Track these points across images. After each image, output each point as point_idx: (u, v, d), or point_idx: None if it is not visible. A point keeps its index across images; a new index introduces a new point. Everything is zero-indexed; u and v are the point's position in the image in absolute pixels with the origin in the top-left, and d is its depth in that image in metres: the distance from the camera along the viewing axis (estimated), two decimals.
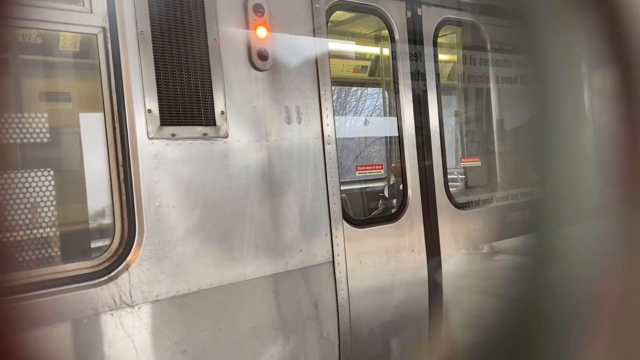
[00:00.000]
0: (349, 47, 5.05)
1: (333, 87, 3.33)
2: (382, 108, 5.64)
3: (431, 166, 3.85)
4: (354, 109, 12.36)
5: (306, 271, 3.06)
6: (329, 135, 3.19)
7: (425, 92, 3.88)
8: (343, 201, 3.34)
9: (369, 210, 5.06)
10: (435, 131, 3.90)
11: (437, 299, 3.80)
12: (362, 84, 6.84)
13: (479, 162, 4.52)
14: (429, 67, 3.91)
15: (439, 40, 4.03)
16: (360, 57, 5.38)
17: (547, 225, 4.42)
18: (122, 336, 2.39)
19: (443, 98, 4.12)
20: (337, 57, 5.14)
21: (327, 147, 3.18)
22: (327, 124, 3.19)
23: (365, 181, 5.23)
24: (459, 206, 4.02)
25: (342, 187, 3.35)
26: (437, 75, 3.96)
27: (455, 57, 4.76)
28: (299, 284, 3.03)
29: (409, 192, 3.71)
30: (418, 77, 3.84)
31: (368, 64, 5.51)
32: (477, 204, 4.25)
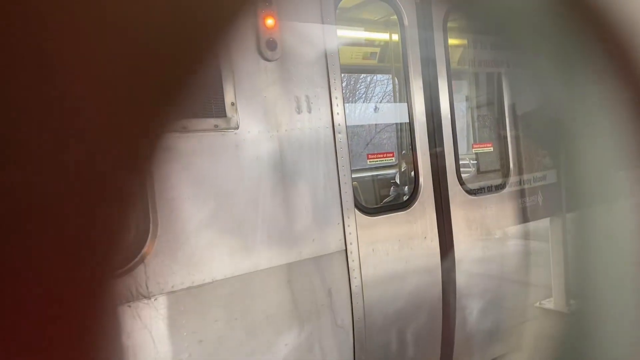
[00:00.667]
0: (358, 34, 5.01)
1: (342, 75, 3.31)
2: (392, 95, 5.61)
3: (442, 153, 3.82)
4: (363, 96, 12.29)
5: (319, 260, 3.07)
6: (339, 124, 3.18)
7: (435, 78, 3.84)
8: (354, 189, 3.33)
9: (380, 198, 5.05)
10: (446, 117, 3.86)
11: (450, 285, 3.80)
12: (372, 70, 6.78)
13: (491, 148, 4.48)
14: (439, 52, 3.86)
15: (449, 25, 3.98)
16: (369, 43, 5.33)
17: (560, 209, 4.39)
18: (139, 327, 2.43)
19: (454, 83, 4.08)
20: (346, 44, 5.10)
21: (338, 136, 3.17)
22: (337, 113, 3.18)
23: (377, 169, 5.21)
24: (471, 192, 4.00)
25: (353, 176, 3.35)
26: (448, 60, 3.92)
27: (465, 42, 4.70)
28: (312, 273, 3.05)
29: (421, 179, 3.69)
30: (428, 63, 3.80)
31: (377, 50, 5.46)
32: (490, 189, 4.22)
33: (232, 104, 2.75)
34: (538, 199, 4.46)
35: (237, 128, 2.77)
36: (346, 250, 3.18)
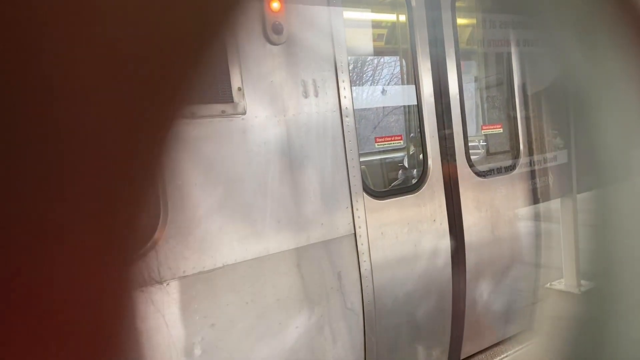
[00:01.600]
0: (364, 15, 4.94)
1: (349, 57, 3.28)
2: (400, 76, 5.55)
3: (451, 134, 3.80)
4: (371, 78, 12.18)
5: (328, 244, 3.09)
6: (346, 108, 3.16)
7: (444, 59, 3.79)
8: (363, 173, 3.33)
9: (389, 181, 5.04)
10: (455, 99, 3.82)
11: (459, 267, 3.81)
12: (379, 52, 6.71)
13: (501, 129, 4.44)
14: (448, 33, 3.81)
15: (458, 4, 3.92)
16: (376, 25, 5.26)
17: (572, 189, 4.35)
18: (152, 311, 2.47)
19: (462, 64, 4.03)
20: (353, 26, 5.04)
21: (345, 119, 3.16)
22: (345, 96, 3.16)
23: (385, 152, 5.19)
24: (480, 174, 3.98)
25: (361, 159, 3.34)
26: (456, 41, 3.87)
27: (474, 21, 4.63)
28: (321, 256, 3.07)
29: (429, 161, 3.68)
30: (436, 43, 3.75)
31: (385, 32, 5.39)
32: (500, 171, 4.19)
33: (239, 89, 2.74)
34: (548, 180, 4.43)
35: (244, 113, 2.76)
36: (355, 233, 3.19)
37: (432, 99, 3.71)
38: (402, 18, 4.19)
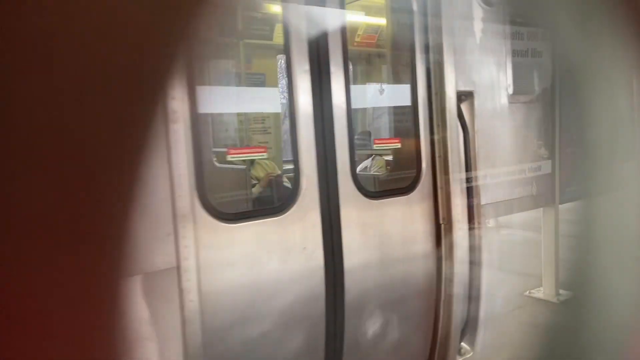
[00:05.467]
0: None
1: None
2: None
3: (333, 147, 3.21)
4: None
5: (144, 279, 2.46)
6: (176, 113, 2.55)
7: (327, 60, 3.22)
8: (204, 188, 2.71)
9: (248, 200, 4.32)
10: (339, 107, 3.25)
11: (337, 305, 3.22)
12: None
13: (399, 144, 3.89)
14: (333, 31, 3.25)
15: None
16: None
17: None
18: None
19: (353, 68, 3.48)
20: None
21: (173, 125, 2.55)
22: (174, 98, 2.55)
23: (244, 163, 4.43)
24: (369, 195, 3.41)
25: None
26: (345, 41, 3.31)
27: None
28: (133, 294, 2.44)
29: (302, 178, 3.09)
30: (317, 43, 3.19)
31: None
32: (394, 192, 3.62)
33: None
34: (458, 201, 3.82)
35: None
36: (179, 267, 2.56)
37: (310, 106, 3.13)
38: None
